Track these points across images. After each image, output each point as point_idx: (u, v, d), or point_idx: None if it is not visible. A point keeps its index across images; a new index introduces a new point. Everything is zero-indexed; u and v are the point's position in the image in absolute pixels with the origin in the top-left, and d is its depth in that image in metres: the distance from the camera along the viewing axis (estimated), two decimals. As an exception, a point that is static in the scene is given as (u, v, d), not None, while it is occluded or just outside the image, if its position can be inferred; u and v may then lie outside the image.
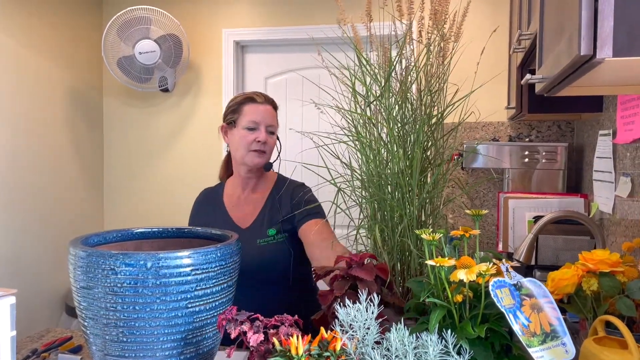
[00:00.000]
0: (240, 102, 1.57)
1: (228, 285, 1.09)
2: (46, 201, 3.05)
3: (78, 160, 3.29)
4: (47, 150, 3.04)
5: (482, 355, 0.87)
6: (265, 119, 1.55)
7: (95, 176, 3.47)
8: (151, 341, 1.00)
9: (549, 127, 2.68)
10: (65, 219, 3.18)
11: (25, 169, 2.90)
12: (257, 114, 1.54)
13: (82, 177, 3.34)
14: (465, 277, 0.87)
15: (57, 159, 3.13)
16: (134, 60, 2.94)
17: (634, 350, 0.89)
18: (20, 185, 2.87)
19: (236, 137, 1.56)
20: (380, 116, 1.27)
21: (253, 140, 1.53)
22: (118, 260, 0.97)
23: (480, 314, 0.90)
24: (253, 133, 1.54)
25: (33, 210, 2.96)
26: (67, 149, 3.19)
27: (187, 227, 1.30)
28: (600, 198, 1.85)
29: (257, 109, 1.55)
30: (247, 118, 1.54)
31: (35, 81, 2.93)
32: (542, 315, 0.94)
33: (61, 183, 3.16)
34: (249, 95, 1.58)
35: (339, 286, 1.01)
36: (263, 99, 1.58)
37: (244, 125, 1.54)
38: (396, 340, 0.82)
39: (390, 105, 1.23)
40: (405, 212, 1.17)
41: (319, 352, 0.89)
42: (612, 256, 1.09)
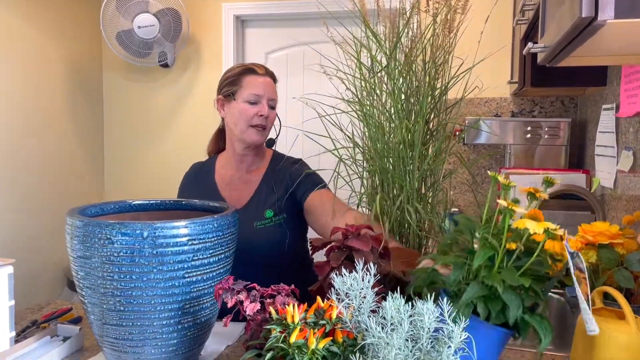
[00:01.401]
0: (239, 73, 1.50)
1: (225, 256, 1.09)
2: (47, 177, 3.06)
3: (78, 135, 3.28)
4: (47, 125, 3.03)
5: (515, 304, 0.85)
6: (267, 91, 1.48)
7: (96, 151, 3.46)
8: (148, 310, 1.00)
9: (552, 103, 2.65)
10: (66, 194, 3.18)
11: (25, 144, 2.89)
12: (258, 86, 1.47)
13: (83, 152, 3.33)
14: (532, 228, 0.84)
15: (57, 134, 3.12)
16: (132, 35, 2.90)
17: (631, 321, 0.89)
18: (20, 161, 2.87)
19: (235, 110, 1.48)
20: (384, 86, 1.25)
21: (254, 114, 1.46)
22: (114, 230, 0.97)
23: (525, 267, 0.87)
24: (254, 107, 1.46)
25: (34, 186, 2.96)
26: (67, 124, 3.18)
27: (185, 200, 1.30)
28: (601, 173, 1.84)
29: (258, 80, 1.48)
30: (249, 91, 1.46)
31: (33, 56, 2.90)
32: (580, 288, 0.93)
33: (61, 158, 3.16)
34: (248, 66, 1.51)
35: (336, 257, 1.00)
36: (264, 71, 1.51)
37: (245, 98, 1.46)
38: (392, 308, 0.81)
39: (396, 76, 1.21)
40: (406, 184, 1.16)
41: (315, 320, 0.89)
42: (612, 228, 1.09)
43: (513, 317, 0.86)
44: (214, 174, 1.59)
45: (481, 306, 0.88)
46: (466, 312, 0.88)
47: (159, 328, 1.02)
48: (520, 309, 0.86)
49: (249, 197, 1.52)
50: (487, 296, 0.89)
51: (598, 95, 2.12)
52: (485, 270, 0.89)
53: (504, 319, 0.89)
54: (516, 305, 0.86)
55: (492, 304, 0.88)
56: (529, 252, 0.90)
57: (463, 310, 0.88)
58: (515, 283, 0.85)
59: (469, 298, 0.88)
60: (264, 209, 1.49)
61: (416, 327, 0.82)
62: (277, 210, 1.48)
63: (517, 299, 0.86)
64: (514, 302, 0.86)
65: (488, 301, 0.89)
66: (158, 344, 1.03)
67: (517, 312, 0.86)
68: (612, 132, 1.72)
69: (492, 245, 0.88)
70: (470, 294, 0.88)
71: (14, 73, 2.80)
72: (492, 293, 0.88)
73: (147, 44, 2.95)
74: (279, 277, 1.45)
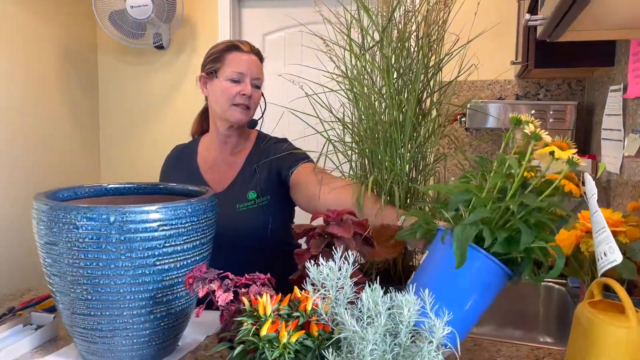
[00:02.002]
0: (222, 49, 1.42)
1: (201, 242, 1.03)
2: (42, 162, 3.01)
3: (73, 118, 3.23)
4: (41, 108, 2.97)
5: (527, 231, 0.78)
6: (251, 70, 1.40)
7: (91, 134, 3.41)
8: (117, 299, 0.95)
9: (558, 86, 2.55)
10: (61, 178, 3.14)
11: (19, 128, 2.85)
12: (242, 64, 1.40)
13: (78, 135, 3.28)
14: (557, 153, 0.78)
15: (52, 117, 3.07)
16: (125, 15, 2.83)
17: (631, 316, 0.82)
18: (13, 146, 2.83)
19: (217, 89, 1.41)
20: (375, 64, 1.18)
21: (237, 93, 1.39)
22: (79, 214, 0.91)
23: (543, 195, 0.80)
24: (237, 85, 1.39)
25: (28, 172, 2.92)
26: (62, 107, 3.13)
27: (163, 183, 1.24)
28: (607, 158, 1.76)
29: (242, 58, 1.41)
30: (231, 68, 1.39)
31: (26, 39, 2.84)
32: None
33: (57, 142, 3.11)
34: (233, 42, 1.44)
35: (316, 244, 0.94)
36: (249, 48, 1.43)
37: (227, 76, 1.39)
38: (369, 299, 0.75)
39: (388, 53, 1.13)
40: (396, 167, 1.09)
41: (289, 312, 0.83)
42: (614, 215, 1.01)
43: (525, 241, 0.77)
44: (197, 156, 1.53)
45: (487, 231, 0.79)
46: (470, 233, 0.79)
47: (130, 318, 0.96)
48: (531, 238, 0.78)
49: (232, 179, 1.45)
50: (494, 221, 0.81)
51: (606, 77, 2.02)
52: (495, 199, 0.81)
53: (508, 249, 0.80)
54: (528, 232, 0.78)
55: (500, 231, 0.79)
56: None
57: (467, 230, 0.79)
58: (534, 204, 0.78)
59: (477, 217, 0.79)
60: (247, 191, 1.42)
61: (395, 320, 0.76)
62: (261, 191, 1.41)
63: (529, 227, 0.79)
64: (526, 229, 0.78)
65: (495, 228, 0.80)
66: (129, 334, 0.98)
67: (529, 238, 0.78)
68: (619, 114, 1.64)
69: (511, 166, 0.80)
70: (479, 214, 0.79)
71: (6, 56, 2.74)
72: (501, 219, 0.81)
73: (141, 24, 2.88)
74: (265, 263, 1.38)
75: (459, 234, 0.76)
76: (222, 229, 1.37)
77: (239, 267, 1.32)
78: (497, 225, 0.79)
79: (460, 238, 0.75)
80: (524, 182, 0.81)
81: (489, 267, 0.79)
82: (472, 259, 0.78)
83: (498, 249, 0.78)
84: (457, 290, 0.80)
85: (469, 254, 0.77)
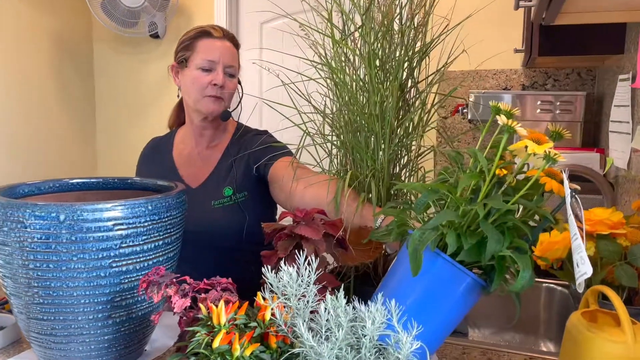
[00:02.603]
0: (193, 36, 1.33)
1: (165, 242, 0.96)
2: (38, 153, 2.97)
3: (69, 110, 3.18)
4: (35, 100, 2.93)
5: (494, 237, 0.68)
6: (224, 57, 1.31)
7: (87, 125, 3.36)
8: (71, 303, 0.88)
9: (567, 75, 2.44)
10: (57, 169, 3.10)
11: (13, 120, 2.81)
12: (213, 51, 1.30)
13: (74, 126, 3.24)
14: (532, 148, 0.68)
15: (47, 109, 3.02)
16: (117, 3, 2.76)
17: (627, 329, 0.74)
18: (8, 138, 2.79)
19: (188, 78, 1.33)
20: (356, 51, 1.09)
21: (208, 83, 1.30)
22: (27, 212, 0.85)
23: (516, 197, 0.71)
24: (208, 75, 1.30)
25: (24, 164, 2.89)
26: (57, 98, 3.08)
27: (132, 178, 1.17)
28: (615, 152, 1.65)
29: (214, 45, 1.31)
30: (202, 56, 1.30)
31: (20, 28, 2.78)
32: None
33: (52, 133, 3.07)
34: (204, 28, 1.35)
35: (284, 246, 0.87)
36: (221, 34, 1.34)
37: (198, 64, 1.30)
38: (329, 311, 0.68)
39: (369, 38, 1.05)
40: (377, 162, 1.01)
41: (246, 322, 0.76)
42: (613, 216, 0.92)
43: (490, 250, 0.68)
44: (172, 150, 1.45)
45: (452, 236, 0.70)
46: (433, 238, 0.70)
47: (85, 323, 0.90)
48: (500, 245, 0.69)
49: (208, 175, 1.37)
50: (460, 227, 0.72)
51: (616, 65, 1.91)
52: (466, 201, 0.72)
53: (477, 257, 0.71)
54: (495, 239, 0.68)
55: (467, 236, 0.70)
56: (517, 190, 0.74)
57: (427, 235, 0.70)
58: (499, 206, 0.68)
59: (439, 221, 0.70)
60: (223, 187, 1.34)
61: (357, 334, 0.68)
62: (237, 187, 1.33)
63: (497, 233, 0.69)
64: (493, 235, 0.69)
65: (462, 234, 0.71)
66: (85, 340, 0.91)
67: (497, 246, 0.68)
68: (628, 105, 1.53)
69: (480, 170, 0.71)
70: (442, 217, 0.70)
71: (2, 47, 2.69)
72: (467, 226, 0.72)
73: (134, 12, 2.81)
74: (242, 264, 1.29)
75: (416, 239, 0.67)
76: (196, 227, 1.29)
77: (214, 268, 1.24)
78: (469, 230, 0.70)
79: (416, 243, 0.67)
80: (500, 181, 0.72)
81: (456, 275, 0.71)
82: (434, 266, 0.70)
83: (464, 256, 0.69)
84: (423, 300, 0.72)
85: (432, 260, 0.69)
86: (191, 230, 1.28)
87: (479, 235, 0.69)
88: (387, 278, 0.78)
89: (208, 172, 1.37)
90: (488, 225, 0.67)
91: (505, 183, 0.72)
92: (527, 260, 0.68)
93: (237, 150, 1.36)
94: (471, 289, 0.72)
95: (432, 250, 0.70)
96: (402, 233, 0.78)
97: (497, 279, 0.70)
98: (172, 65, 1.40)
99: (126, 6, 2.75)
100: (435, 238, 0.69)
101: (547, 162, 0.69)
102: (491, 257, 0.69)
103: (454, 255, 0.70)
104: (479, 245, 0.69)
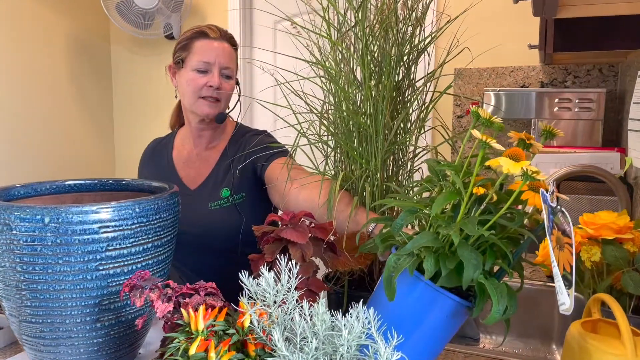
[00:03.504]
0: (190, 37, 1.31)
1: (155, 245, 0.95)
2: (57, 154, 3.02)
3: (87, 111, 3.23)
4: (53, 101, 2.98)
5: (471, 263, 0.64)
6: (220, 58, 1.29)
7: (106, 126, 3.40)
8: (58, 306, 0.88)
9: (588, 72, 2.35)
10: (76, 171, 3.15)
11: (32, 121, 2.86)
12: (209, 52, 1.28)
13: (92, 127, 3.28)
14: (507, 166, 0.64)
15: (65, 109, 3.07)
16: (131, 4, 2.78)
17: (627, 341, 0.69)
18: (28, 139, 2.84)
19: (184, 80, 1.31)
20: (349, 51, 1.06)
21: (203, 85, 1.28)
22: (12, 214, 0.84)
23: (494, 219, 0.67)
24: (204, 76, 1.28)
25: (44, 164, 2.94)
26: (75, 100, 3.12)
27: (127, 179, 1.16)
28: (634, 151, 1.58)
29: (210, 45, 1.29)
30: (197, 57, 1.28)
31: (36, 31, 2.83)
32: (561, 255, 0.72)
33: (70, 134, 3.11)
34: (201, 28, 1.32)
35: (270, 250, 0.84)
36: (218, 34, 1.32)
37: (193, 66, 1.28)
38: (306, 319, 0.65)
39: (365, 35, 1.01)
40: (371, 163, 0.98)
41: (225, 328, 0.74)
42: (620, 219, 0.87)
43: (467, 278, 0.64)
44: (172, 151, 1.44)
45: (429, 260, 0.66)
46: (409, 264, 0.66)
47: (73, 326, 0.89)
48: (478, 271, 0.64)
49: (206, 176, 1.35)
50: (439, 251, 0.68)
51: (637, 60, 1.83)
52: (444, 220, 0.69)
53: (458, 282, 0.67)
54: (473, 264, 0.64)
55: (445, 261, 0.67)
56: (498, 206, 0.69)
57: (403, 261, 0.67)
58: (473, 233, 0.64)
59: (414, 246, 0.67)
60: (221, 188, 1.32)
61: (334, 344, 0.65)
62: (235, 189, 1.30)
63: (475, 257, 0.65)
64: (470, 260, 0.65)
65: (441, 257, 0.67)
66: (74, 343, 0.91)
67: (474, 272, 0.64)
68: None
69: (458, 188, 0.68)
70: (418, 242, 0.67)
71: (20, 49, 2.75)
72: (448, 247, 0.68)
73: (148, 14, 2.83)
74: (238, 266, 1.31)
75: (390, 266, 0.64)
76: (194, 228, 1.28)
77: (214, 270, 1.23)
78: (449, 252, 0.66)
79: (390, 270, 0.63)
80: (481, 197, 0.68)
81: (438, 299, 0.67)
82: (415, 290, 0.67)
83: (444, 282, 0.65)
84: (406, 325, 0.68)
85: (412, 285, 0.66)
86: (189, 231, 1.27)
87: (459, 258, 0.64)
88: (372, 298, 0.75)
89: (206, 174, 1.35)
90: (465, 250, 0.63)
91: (485, 200, 0.68)
92: (502, 290, 0.64)
93: (235, 151, 1.34)
94: (455, 311, 0.68)
95: (410, 275, 0.67)
96: (388, 247, 0.75)
97: (478, 305, 0.66)
98: (170, 66, 1.38)
99: (140, 8, 2.77)
100: (413, 261, 0.65)
101: (525, 180, 0.64)
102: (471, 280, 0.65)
103: (437, 277, 0.66)
104: (458, 270, 0.65)
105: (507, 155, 0.65)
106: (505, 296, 0.63)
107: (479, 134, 0.67)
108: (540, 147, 0.69)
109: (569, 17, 1.26)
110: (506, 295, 0.63)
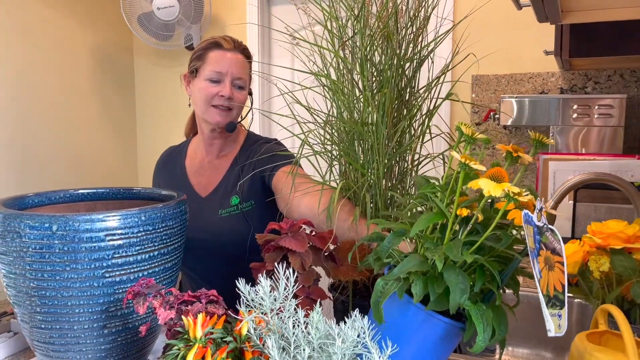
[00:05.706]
0: (205, 47, 1.34)
1: (161, 253, 0.96)
2: (81, 164, 3.09)
3: (110, 122, 3.30)
4: (77, 112, 3.05)
5: (458, 287, 0.63)
6: (232, 69, 1.31)
7: (129, 137, 3.47)
8: (66, 312, 0.90)
9: (609, 77, 2.30)
10: (100, 182, 3.22)
11: (56, 132, 2.93)
12: (222, 62, 1.31)
13: (115, 138, 3.35)
14: (487, 189, 0.63)
15: (89, 120, 3.14)
16: (153, 17, 2.84)
17: (631, 354, 0.67)
18: (53, 149, 2.92)
19: (196, 89, 1.34)
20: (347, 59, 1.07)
21: (215, 94, 1.31)
22: (22, 223, 0.87)
23: (477, 244, 0.66)
24: (216, 86, 1.31)
25: (68, 174, 3.01)
26: (99, 111, 3.20)
27: (137, 188, 1.18)
28: (654, 158, 1.54)
29: (223, 56, 1.31)
30: (210, 67, 1.31)
31: (60, 42, 2.90)
32: (551, 275, 0.70)
33: (94, 145, 3.18)
34: (215, 39, 1.35)
35: (271, 258, 0.85)
36: (232, 45, 1.34)
37: (206, 75, 1.31)
38: (301, 327, 0.65)
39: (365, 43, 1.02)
40: (373, 172, 0.97)
41: (223, 336, 0.74)
42: (628, 229, 0.85)
43: (453, 304, 0.63)
44: (185, 158, 1.47)
45: (418, 285, 0.65)
46: (396, 289, 0.66)
47: (81, 332, 0.91)
48: (465, 295, 0.63)
49: (217, 184, 1.37)
50: (428, 274, 0.67)
51: (658, 66, 1.79)
52: (432, 243, 0.69)
53: (447, 307, 0.66)
54: (460, 288, 0.63)
55: (434, 285, 0.66)
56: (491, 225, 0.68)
57: (391, 286, 0.66)
58: (456, 258, 0.63)
59: (401, 271, 0.66)
60: (230, 196, 1.33)
61: (328, 352, 0.65)
62: (244, 196, 1.32)
63: (463, 281, 0.64)
64: (457, 285, 0.64)
65: (430, 281, 0.67)
66: (82, 349, 0.93)
67: (460, 298, 0.63)
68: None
69: (441, 209, 0.67)
70: (405, 266, 0.66)
71: (43, 60, 2.83)
72: (436, 270, 0.67)
73: (168, 25, 2.88)
74: (246, 274, 1.32)
75: (378, 291, 0.64)
76: (203, 235, 1.30)
77: (223, 278, 1.24)
78: (438, 275, 0.65)
79: (378, 295, 0.63)
80: (467, 218, 0.67)
81: (430, 322, 0.67)
82: (406, 314, 0.66)
83: (434, 306, 0.64)
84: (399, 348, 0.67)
85: (404, 308, 0.65)
86: (199, 238, 1.29)
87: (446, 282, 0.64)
88: (369, 314, 0.74)
89: (217, 181, 1.37)
90: (451, 274, 0.62)
91: (471, 221, 0.66)
92: (487, 317, 0.63)
93: (246, 160, 1.36)
94: (448, 333, 0.67)
95: (400, 299, 0.66)
96: (384, 265, 0.74)
97: (468, 330, 0.65)
98: (184, 75, 1.42)
99: (161, 19, 2.83)
100: (401, 286, 0.65)
101: (508, 202, 0.62)
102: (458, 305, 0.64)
103: (429, 297, 0.66)
104: (448, 293, 0.64)
105: (488, 176, 0.64)
106: (491, 323, 0.62)
107: (458, 155, 0.66)
108: (530, 159, 0.68)
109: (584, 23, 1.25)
110: (493, 321, 0.62)
